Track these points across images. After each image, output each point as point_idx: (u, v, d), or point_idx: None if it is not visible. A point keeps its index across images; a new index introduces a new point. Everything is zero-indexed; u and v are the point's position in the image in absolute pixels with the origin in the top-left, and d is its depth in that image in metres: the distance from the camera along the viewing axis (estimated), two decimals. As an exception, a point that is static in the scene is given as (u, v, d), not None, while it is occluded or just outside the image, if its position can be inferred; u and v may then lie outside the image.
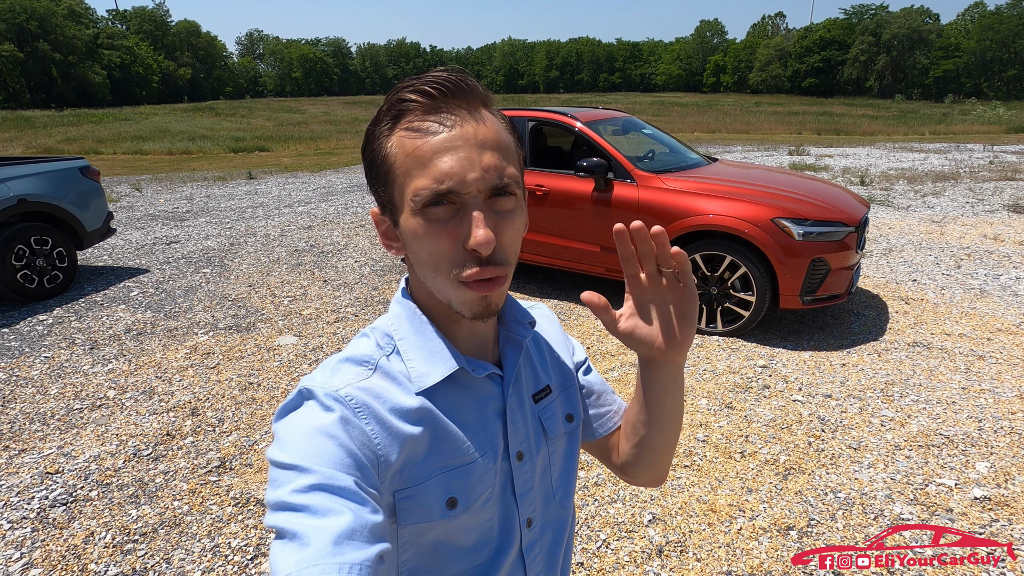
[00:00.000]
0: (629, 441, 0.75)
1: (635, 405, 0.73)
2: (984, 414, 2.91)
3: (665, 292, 0.62)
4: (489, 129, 0.58)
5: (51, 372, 3.52)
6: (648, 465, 0.75)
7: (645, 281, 0.62)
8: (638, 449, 0.74)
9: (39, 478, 2.52)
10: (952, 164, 12.04)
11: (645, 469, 0.76)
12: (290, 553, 0.45)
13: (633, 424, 0.74)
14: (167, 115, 33.23)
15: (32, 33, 52.54)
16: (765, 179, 4.27)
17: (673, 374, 0.67)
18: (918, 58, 62.54)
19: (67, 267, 4.93)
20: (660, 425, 0.71)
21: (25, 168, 4.76)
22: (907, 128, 22.42)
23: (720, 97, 61.12)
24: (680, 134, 18.82)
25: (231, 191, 10.33)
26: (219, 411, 3.06)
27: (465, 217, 0.55)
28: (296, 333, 4.05)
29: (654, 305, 0.63)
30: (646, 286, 0.62)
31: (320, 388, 0.57)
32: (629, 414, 0.75)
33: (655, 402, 0.69)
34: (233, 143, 19.13)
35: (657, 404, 0.69)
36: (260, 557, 2.08)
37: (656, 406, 0.69)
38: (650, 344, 0.64)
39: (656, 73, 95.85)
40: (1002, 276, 4.97)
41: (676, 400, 0.69)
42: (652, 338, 0.63)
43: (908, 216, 7.34)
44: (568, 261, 4.54)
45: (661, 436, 0.72)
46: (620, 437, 0.78)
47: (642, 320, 0.63)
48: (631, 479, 0.79)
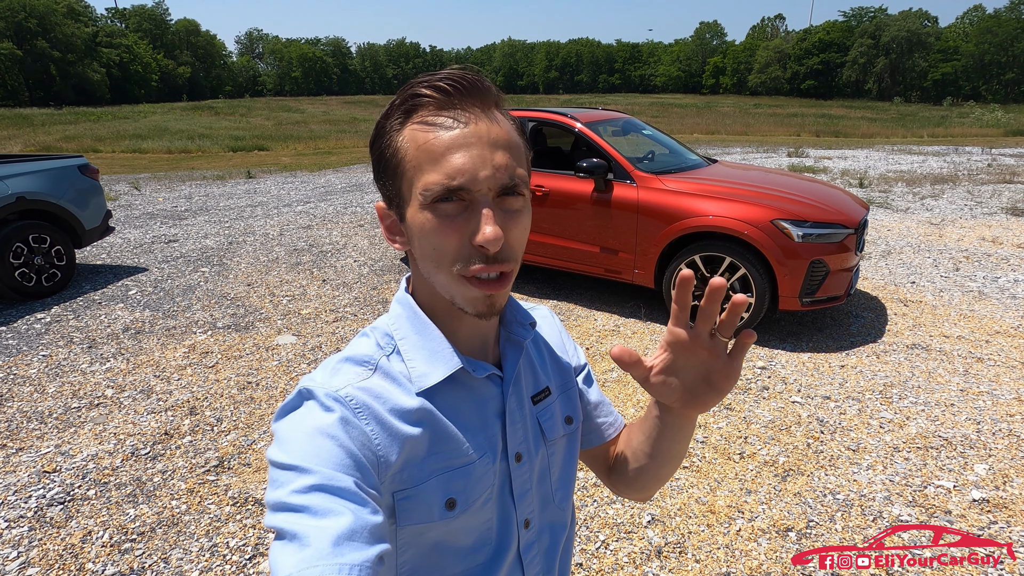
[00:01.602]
0: (628, 464, 0.76)
1: (639, 435, 0.73)
2: (982, 416, 2.91)
3: (707, 358, 0.58)
4: (501, 129, 0.58)
5: (49, 371, 3.51)
6: (640, 488, 0.77)
7: (688, 337, 0.58)
8: (633, 473, 0.75)
9: (36, 477, 2.51)
10: (950, 167, 12.07)
11: (635, 490, 0.78)
12: (290, 554, 0.45)
13: (633, 451, 0.74)
14: (166, 114, 33.18)
15: (31, 31, 52.43)
16: (764, 180, 4.28)
17: (683, 424, 0.66)
18: (917, 61, 62.67)
19: (65, 265, 4.92)
20: (660, 460, 0.71)
21: (24, 166, 4.74)
22: (906, 130, 22.45)
23: (719, 99, 61.20)
24: (679, 135, 18.83)
25: (230, 190, 10.31)
26: (217, 410, 3.06)
27: (474, 214, 0.55)
28: (295, 332, 4.05)
29: (689, 365, 0.59)
30: (687, 343, 0.58)
31: (320, 388, 0.57)
32: (631, 439, 0.75)
33: (659, 442, 0.69)
34: (232, 142, 19.09)
35: (661, 444, 0.69)
36: (259, 557, 2.08)
37: (659, 446, 0.70)
38: (672, 400, 0.62)
39: (655, 74, 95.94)
40: (1000, 279, 4.98)
41: (682, 444, 0.69)
42: (676, 396, 0.61)
43: (907, 218, 7.35)
44: (567, 261, 4.54)
45: (660, 470, 0.73)
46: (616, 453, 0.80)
47: (672, 377, 0.60)
48: (619, 491, 0.81)
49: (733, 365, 0.58)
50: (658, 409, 0.67)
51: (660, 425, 0.67)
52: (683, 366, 0.60)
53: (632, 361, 0.58)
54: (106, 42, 62.32)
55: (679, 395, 0.61)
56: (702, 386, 0.60)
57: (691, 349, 0.58)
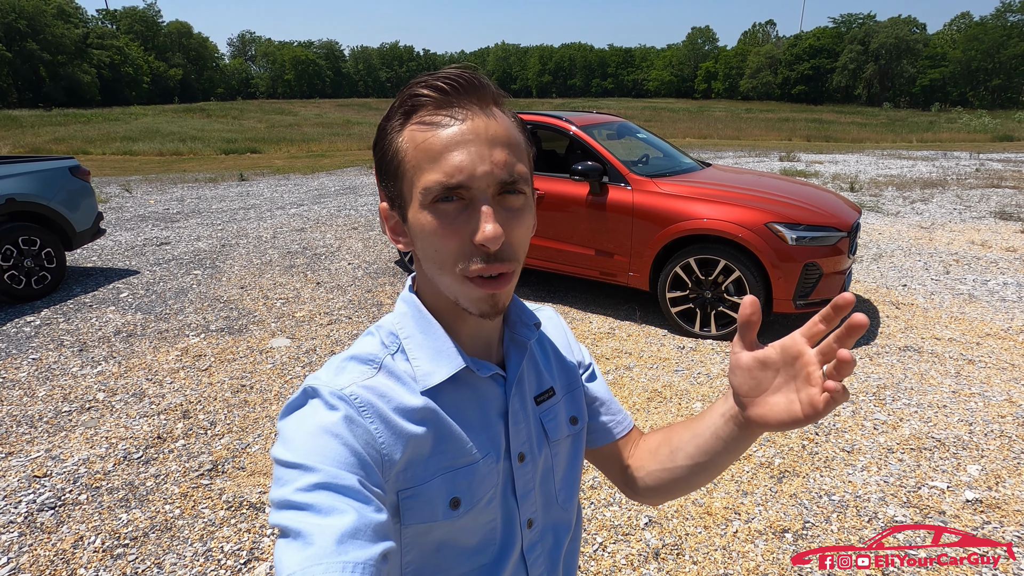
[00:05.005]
0: (659, 464, 0.73)
1: (686, 433, 0.69)
2: (975, 417, 2.94)
3: (804, 384, 0.54)
4: (500, 125, 0.58)
5: (39, 374, 3.46)
6: (664, 493, 0.74)
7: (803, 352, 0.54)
8: (665, 476, 0.73)
9: (26, 481, 2.47)
10: (940, 171, 12.21)
11: (657, 495, 0.75)
12: (294, 552, 0.45)
13: (673, 452, 0.71)
14: (157, 116, 32.97)
15: (21, 32, 51.99)
16: (758, 184, 4.31)
17: (743, 435, 0.62)
18: (905, 67, 63.43)
19: (56, 268, 4.87)
20: (701, 465, 0.68)
21: (14, 167, 4.70)
22: (895, 135, 22.70)
23: (711, 103, 61.63)
24: (672, 139, 18.94)
25: (222, 193, 10.26)
26: (211, 414, 3.03)
27: (474, 213, 0.55)
28: (289, 335, 4.02)
29: (785, 379, 0.56)
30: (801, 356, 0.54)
31: (325, 387, 0.57)
32: (672, 436, 0.72)
33: (711, 444, 0.65)
34: (224, 144, 19.01)
35: (711, 447, 0.66)
36: (253, 561, 2.06)
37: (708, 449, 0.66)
38: (741, 394, 0.59)
39: (648, 79, 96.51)
40: (990, 282, 5.03)
41: (730, 456, 0.65)
42: (749, 392, 0.58)
43: (897, 222, 7.42)
44: (563, 264, 4.54)
45: (697, 478, 0.70)
46: (645, 455, 0.77)
47: (765, 372, 0.57)
48: (634, 495, 0.78)
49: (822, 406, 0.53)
50: (722, 410, 0.63)
51: (719, 427, 0.63)
52: (782, 371, 0.56)
53: (755, 322, 0.56)
54: (97, 43, 61.87)
55: (752, 395, 0.58)
56: (782, 402, 0.56)
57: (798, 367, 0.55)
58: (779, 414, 0.56)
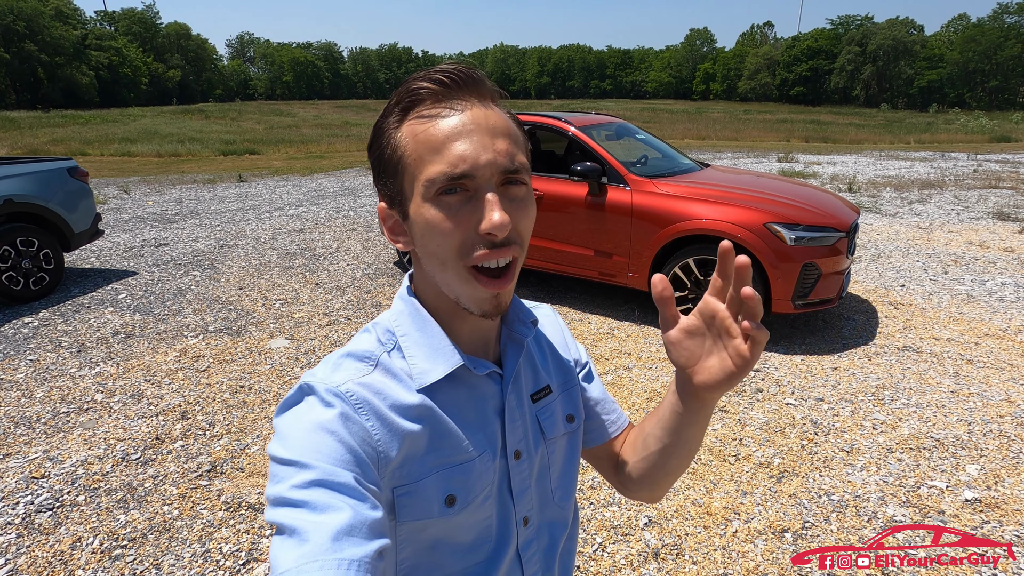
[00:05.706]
0: (637, 455, 0.74)
1: (653, 420, 0.70)
2: (973, 417, 2.94)
3: (728, 338, 0.56)
4: (499, 117, 0.58)
5: (37, 375, 3.46)
6: (650, 485, 0.74)
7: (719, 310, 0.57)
8: (643, 465, 0.73)
9: (24, 483, 2.47)
10: (937, 172, 12.23)
11: (644, 488, 0.75)
12: (290, 549, 0.45)
13: (645, 440, 0.71)
14: (155, 117, 32.93)
15: (18, 33, 51.92)
16: (756, 184, 4.31)
17: (698, 407, 0.63)
18: (903, 68, 63.56)
19: (53, 269, 4.86)
20: (672, 447, 0.68)
21: (12, 168, 4.69)
22: (893, 136, 22.74)
23: (710, 104, 61.72)
24: (671, 140, 18.96)
25: (221, 194, 10.25)
26: (209, 415, 3.02)
27: (478, 203, 0.55)
28: (288, 336, 4.02)
29: (712, 339, 0.58)
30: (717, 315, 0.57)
31: (321, 384, 0.57)
32: (644, 427, 0.73)
33: (673, 424, 0.66)
34: (223, 146, 18.98)
35: (673, 426, 0.66)
36: (252, 562, 2.05)
37: (672, 429, 0.67)
38: (682, 367, 0.60)
39: (646, 80, 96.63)
40: (988, 282, 5.04)
41: (694, 430, 0.66)
42: (690, 360, 0.59)
43: (896, 222, 7.43)
44: (562, 265, 4.54)
45: (671, 461, 0.70)
46: (627, 449, 0.77)
47: (693, 339, 0.59)
48: (628, 492, 0.78)
49: (748, 355, 0.55)
50: (675, 387, 0.64)
51: (675, 403, 0.65)
52: (708, 334, 0.58)
53: (668, 296, 0.58)
54: (95, 45, 61.82)
55: (694, 361, 0.59)
56: (717, 361, 0.57)
57: (717, 324, 0.57)
58: (716, 374, 0.57)
